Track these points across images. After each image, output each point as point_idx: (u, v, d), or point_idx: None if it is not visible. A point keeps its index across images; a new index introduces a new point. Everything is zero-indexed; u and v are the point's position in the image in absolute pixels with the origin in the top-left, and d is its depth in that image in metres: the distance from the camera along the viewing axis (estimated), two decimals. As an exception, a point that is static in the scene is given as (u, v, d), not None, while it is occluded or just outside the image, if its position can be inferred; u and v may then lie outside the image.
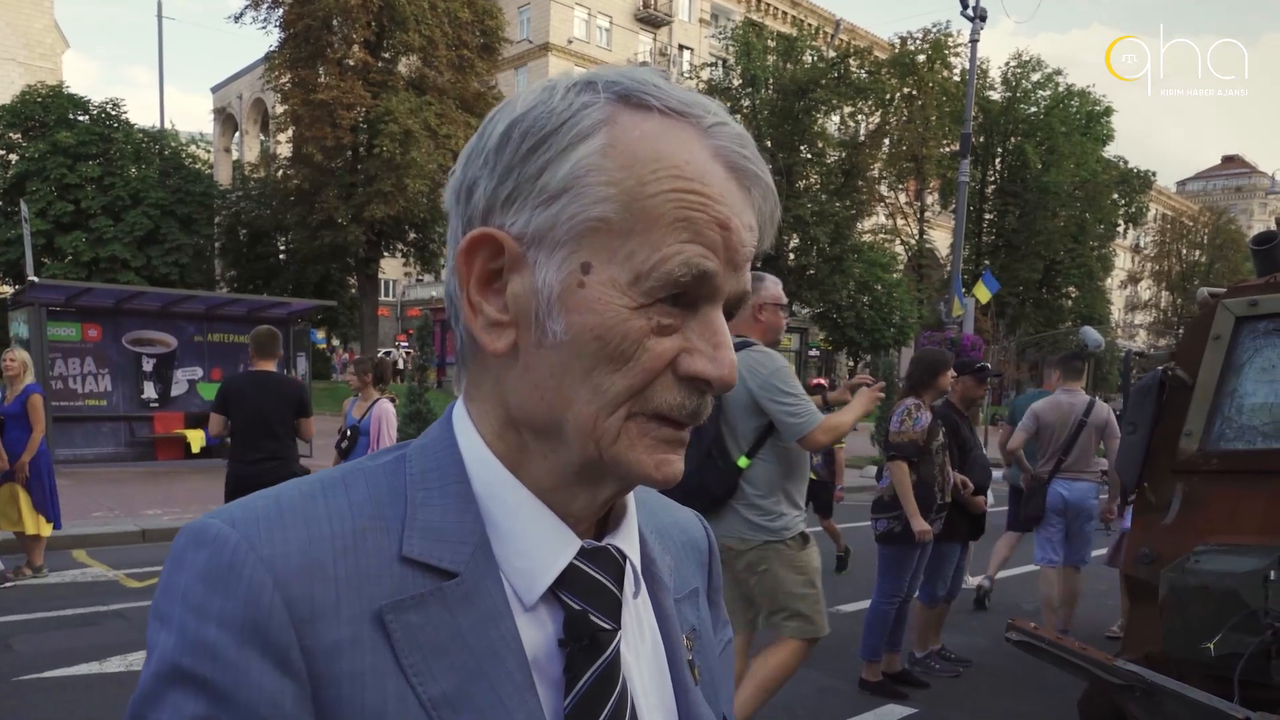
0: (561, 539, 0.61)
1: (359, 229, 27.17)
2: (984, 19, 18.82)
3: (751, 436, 3.55)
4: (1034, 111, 42.81)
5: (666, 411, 0.58)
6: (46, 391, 7.98)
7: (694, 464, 3.50)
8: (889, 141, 36.68)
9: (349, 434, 6.36)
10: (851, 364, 41.35)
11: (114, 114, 27.77)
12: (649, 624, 0.68)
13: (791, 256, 35.11)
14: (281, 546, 0.55)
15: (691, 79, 37.15)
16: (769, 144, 33.80)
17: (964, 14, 18.77)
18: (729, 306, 0.60)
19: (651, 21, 46.60)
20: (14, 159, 26.66)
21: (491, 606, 0.58)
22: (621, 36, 45.17)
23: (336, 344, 39.53)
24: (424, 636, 0.56)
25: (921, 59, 36.17)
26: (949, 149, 36.73)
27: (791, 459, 3.61)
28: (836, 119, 36.21)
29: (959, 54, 35.21)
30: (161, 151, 29.00)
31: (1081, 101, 43.43)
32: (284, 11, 27.20)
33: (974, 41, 19.25)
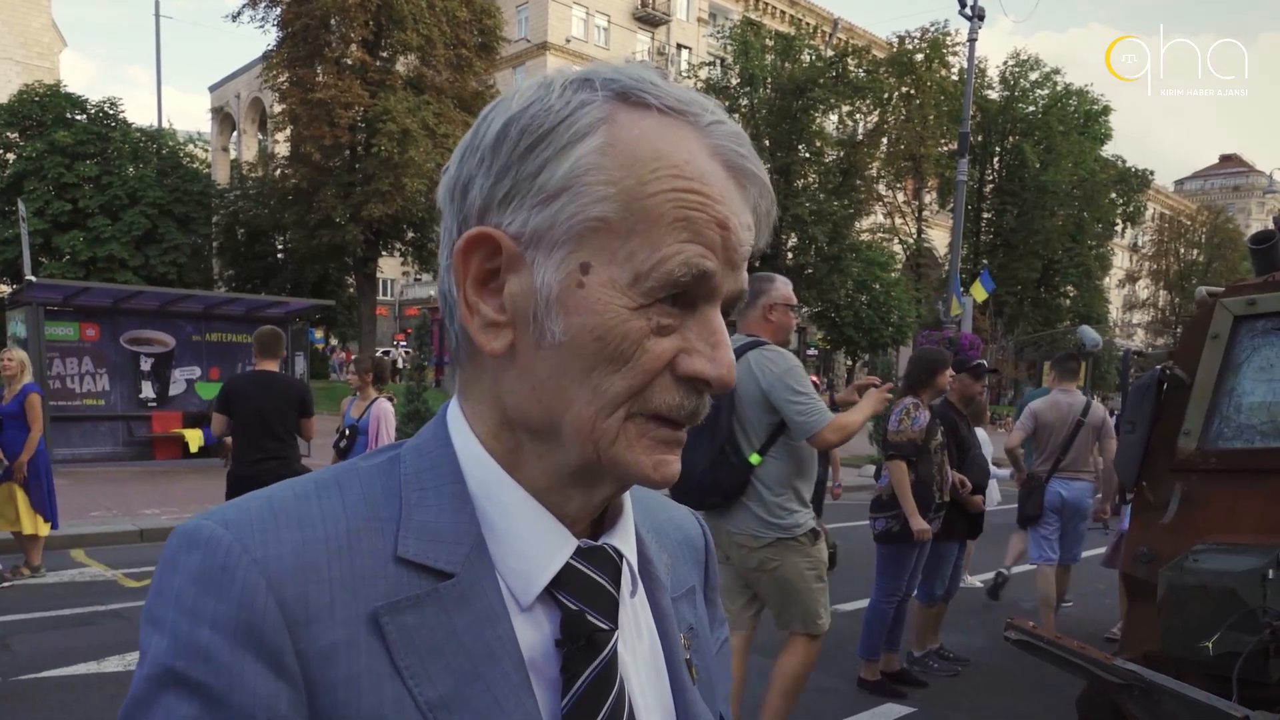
0: (558, 539, 0.61)
1: (357, 228, 27.14)
2: (982, 18, 18.82)
3: (764, 434, 3.58)
4: (1032, 111, 42.86)
5: (665, 412, 0.58)
6: (44, 391, 7.97)
7: (707, 461, 3.54)
8: (887, 140, 36.70)
9: (347, 433, 6.35)
10: (849, 363, 41.38)
11: (111, 113, 27.73)
12: (646, 623, 0.68)
13: (790, 256, 35.12)
14: (275, 548, 0.54)
15: (689, 78, 37.14)
16: (767, 143, 33.82)
17: (962, 13, 18.78)
18: (726, 305, 0.60)
19: (649, 21, 46.59)
20: (11, 158, 26.62)
21: (488, 607, 0.58)
22: (619, 35, 45.16)
23: (334, 343, 39.51)
24: (420, 638, 0.55)
25: (919, 58, 36.20)
26: (947, 148, 36.76)
27: (802, 457, 3.65)
28: (834, 118, 36.22)
29: (957, 53, 35.26)
30: (159, 151, 28.98)
31: (1079, 101, 43.48)
32: (282, 11, 27.17)
33: (972, 40, 19.26)
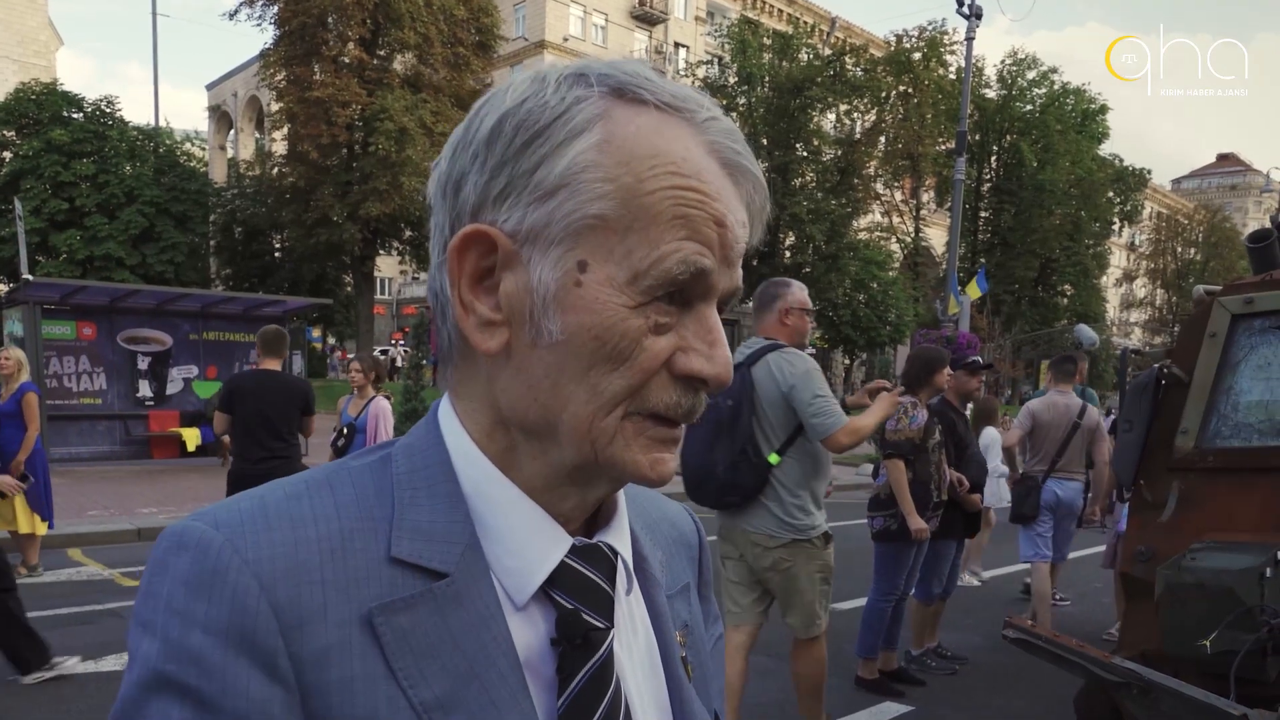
0: (552, 537, 0.60)
1: (354, 227, 27.14)
2: (980, 17, 18.82)
3: (784, 435, 3.64)
4: (1029, 109, 42.89)
5: (663, 410, 0.58)
6: (41, 390, 7.96)
7: (728, 461, 3.62)
8: (885, 139, 36.71)
9: (345, 432, 6.34)
10: (847, 362, 41.41)
11: (108, 111, 27.70)
12: (642, 621, 0.67)
13: (787, 254, 35.11)
14: (267, 550, 0.54)
15: (687, 77, 37.12)
16: (765, 142, 33.81)
17: (959, 12, 18.78)
18: (721, 303, 0.60)
19: (647, 19, 46.58)
20: (8, 156, 26.60)
21: (483, 607, 0.57)
22: (617, 34, 45.15)
23: (332, 342, 39.50)
24: (414, 639, 0.55)
25: (917, 57, 36.19)
26: (944, 147, 36.79)
27: (818, 458, 3.71)
28: (832, 117, 36.22)
29: (954, 52, 35.25)
30: (156, 149, 28.94)
31: (1077, 100, 43.52)
32: (279, 9, 27.15)
33: (969, 39, 19.26)
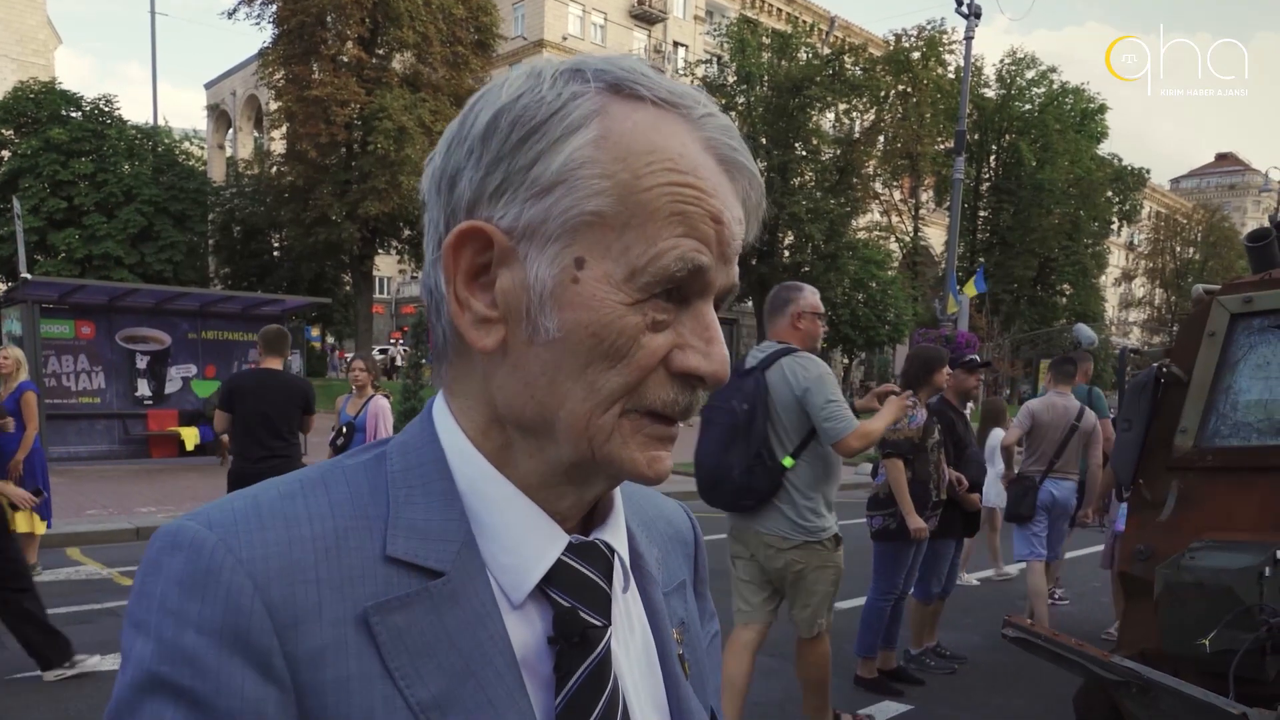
0: (549, 535, 0.60)
1: (353, 226, 27.14)
2: (979, 16, 18.84)
3: (797, 438, 3.69)
4: (1028, 109, 42.93)
5: (660, 408, 0.57)
6: (40, 389, 7.95)
7: (743, 465, 3.66)
8: (884, 139, 36.75)
9: (344, 431, 6.34)
10: (846, 362, 41.42)
11: (107, 110, 27.71)
12: (638, 618, 0.67)
13: (786, 254, 35.13)
14: (261, 549, 0.53)
15: (686, 76, 37.13)
16: (764, 141, 33.83)
17: (959, 11, 18.80)
18: (717, 300, 0.59)
19: (646, 18, 46.58)
20: (6, 155, 26.59)
21: (479, 605, 0.57)
22: (616, 33, 45.14)
23: (331, 341, 39.50)
24: (410, 638, 0.54)
25: (916, 56, 36.23)
26: (943, 146, 36.81)
27: (830, 462, 3.76)
28: (831, 116, 36.26)
29: (953, 51, 35.29)
30: (155, 148, 28.95)
31: (1076, 99, 43.57)
32: (277, 7, 27.14)
33: (968, 39, 19.28)
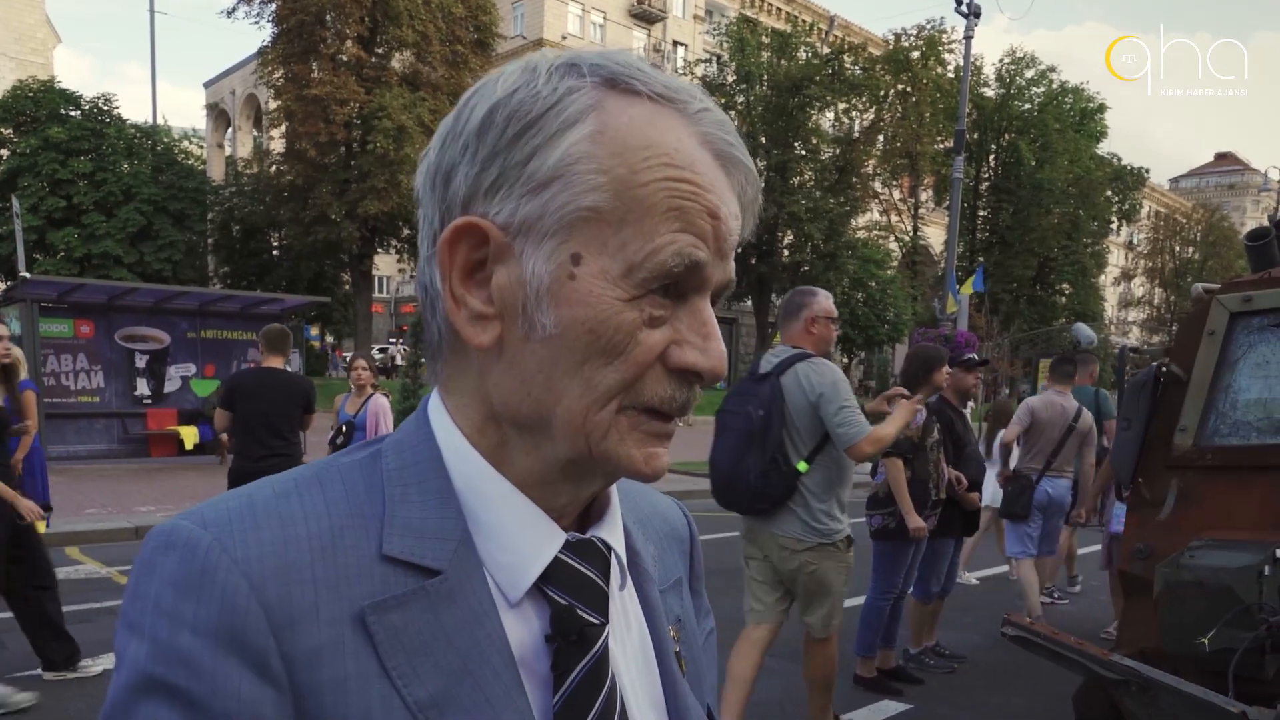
0: (546, 533, 0.59)
1: (352, 225, 27.13)
2: (978, 15, 18.86)
3: (811, 443, 3.74)
4: (1028, 108, 42.95)
5: (657, 404, 0.57)
6: (39, 388, 7.94)
7: (759, 470, 3.71)
8: (883, 138, 36.78)
9: (344, 430, 6.33)
10: (845, 361, 41.42)
11: (106, 109, 27.70)
12: (635, 616, 0.67)
13: (785, 253, 35.14)
14: (256, 549, 0.53)
15: (686, 75, 37.13)
16: (763, 140, 33.84)
17: (958, 10, 18.83)
18: (714, 295, 0.59)
19: (645, 18, 46.57)
20: (5, 154, 26.57)
21: (476, 604, 0.56)
22: (615, 32, 45.13)
23: (331, 340, 39.51)
24: (407, 637, 0.54)
25: (916, 55, 36.24)
26: (943, 145, 36.84)
27: (843, 465, 3.81)
28: (831, 115, 36.28)
29: (953, 50, 35.30)
30: (154, 147, 28.94)
31: (1075, 98, 43.58)
32: (277, 6, 27.14)
33: (968, 38, 19.30)
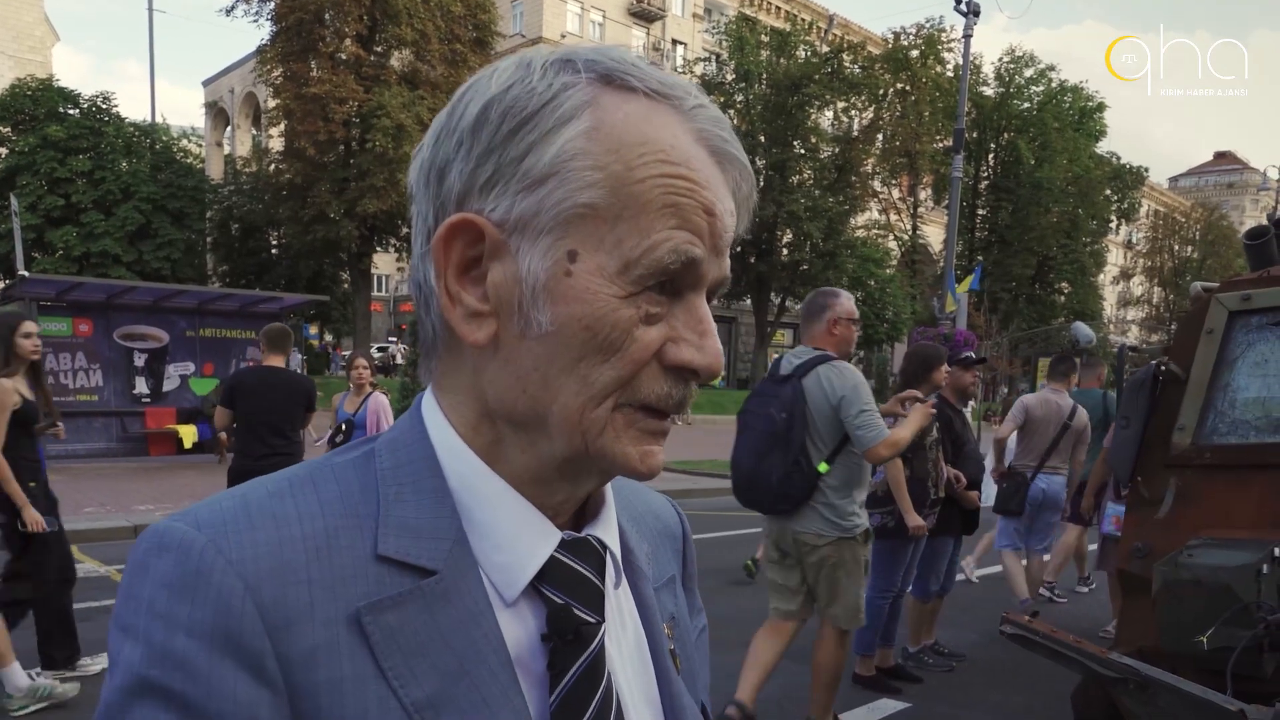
0: (541, 531, 0.59)
1: (351, 224, 27.08)
2: (977, 14, 18.86)
3: (832, 444, 3.84)
4: (1027, 107, 42.95)
5: (654, 402, 0.57)
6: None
7: (781, 472, 3.82)
8: (882, 137, 36.75)
9: (344, 428, 6.32)
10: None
11: (104, 107, 27.64)
12: (630, 614, 0.67)
13: (785, 252, 35.14)
14: (251, 549, 0.52)
15: (685, 74, 37.08)
16: (762, 139, 33.83)
17: (957, 9, 18.83)
18: (709, 292, 0.59)
19: (645, 16, 46.54)
20: (3, 153, 26.53)
21: (472, 604, 0.56)
22: (614, 31, 45.10)
23: (329, 339, 39.50)
24: (403, 638, 0.54)
25: (915, 54, 36.22)
26: (942, 144, 36.84)
27: (862, 464, 3.93)
28: (830, 114, 36.25)
29: (952, 49, 35.29)
30: (153, 145, 28.89)
31: (1074, 97, 43.60)
32: (275, 5, 27.06)
33: (967, 37, 19.30)
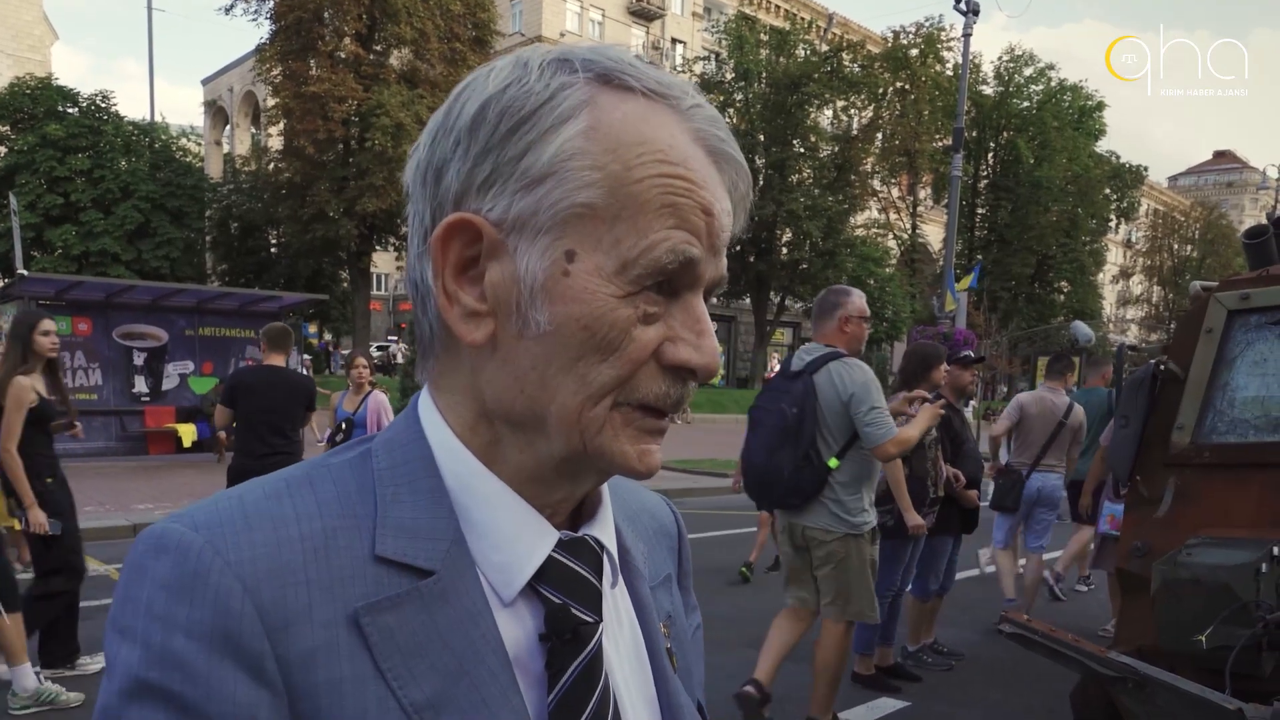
0: (539, 531, 0.59)
1: (351, 222, 27.07)
2: (977, 13, 18.85)
3: (842, 440, 3.89)
4: (1026, 106, 42.97)
5: (652, 401, 0.57)
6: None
7: (792, 466, 3.87)
8: (881, 136, 36.74)
9: (344, 427, 6.32)
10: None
11: (103, 106, 27.65)
12: (627, 613, 0.67)
13: (784, 251, 35.14)
14: (249, 550, 0.52)
15: (684, 73, 37.09)
16: (761, 138, 33.82)
17: (957, 8, 18.83)
18: (706, 292, 0.59)
19: (644, 15, 46.51)
20: (2, 152, 26.53)
21: (470, 604, 0.56)
22: (614, 30, 45.07)
23: (329, 337, 39.49)
24: (402, 638, 0.54)
25: (914, 53, 36.20)
26: (941, 143, 36.84)
27: (871, 461, 3.97)
28: (829, 113, 36.25)
29: (951, 48, 35.25)
30: (152, 144, 28.90)
31: (1074, 96, 43.61)
32: (275, 3, 27.04)
33: (967, 36, 19.30)
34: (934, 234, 43.48)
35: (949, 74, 36.21)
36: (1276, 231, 3.46)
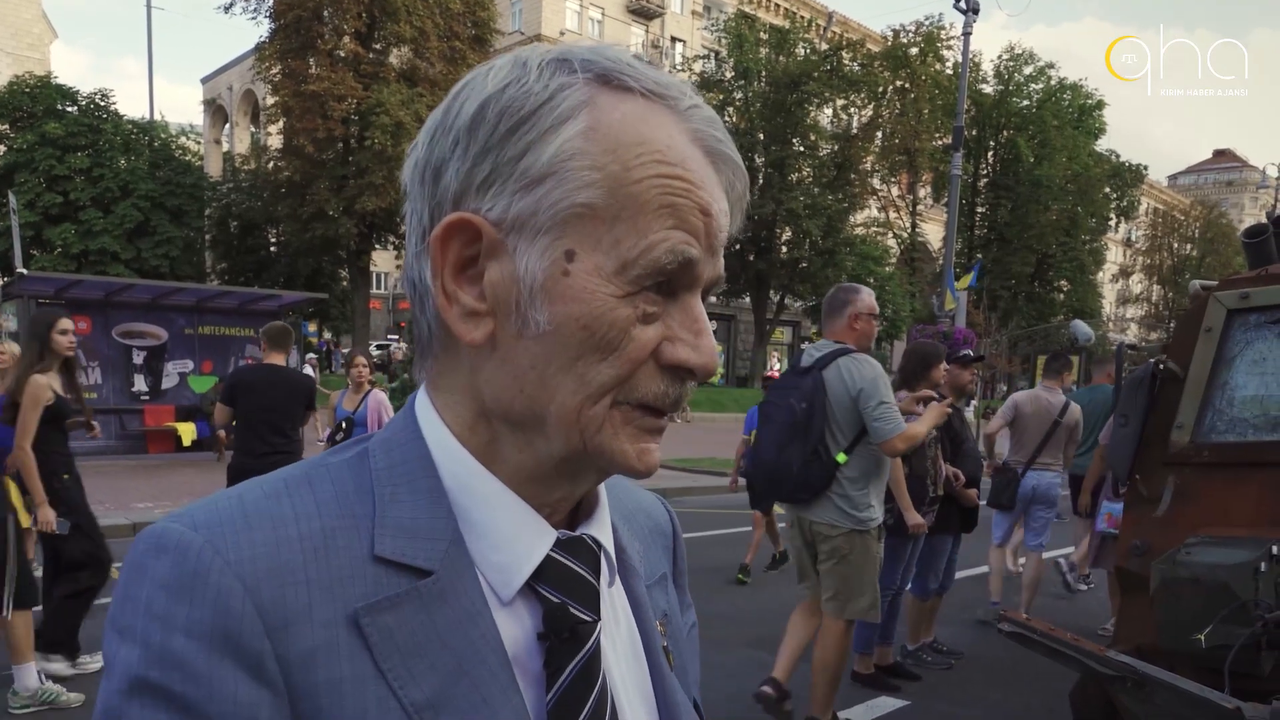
0: (537, 531, 0.60)
1: (350, 221, 27.07)
2: (976, 12, 18.83)
3: (850, 435, 3.90)
4: (1026, 105, 42.95)
5: (650, 400, 0.57)
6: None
7: (801, 460, 3.89)
8: (881, 134, 36.71)
9: (344, 426, 6.31)
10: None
11: (103, 105, 27.65)
12: (624, 612, 0.67)
13: (784, 249, 35.13)
14: (249, 550, 0.53)
15: (684, 71, 37.08)
16: (761, 136, 33.80)
17: (956, 7, 18.80)
18: (704, 292, 0.60)
19: (643, 14, 46.48)
20: (2, 150, 26.51)
21: (469, 604, 0.56)
22: (613, 29, 45.04)
23: (328, 336, 39.47)
24: (401, 638, 0.54)
25: (914, 52, 36.17)
26: (941, 142, 36.82)
27: (879, 457, 3.98)
28: (829, 112, 36.22)
29: (951, 47, 35.23)
30: (151, 143, 28.89)
31: (1074, 95, 43.60)
32: (274, 2, 27.03)
33: (966, 34, 19.28)
34: (934, 233, 43.48)
35: (949, 73, 36.20)
36: (1276, 230, 3.46)
